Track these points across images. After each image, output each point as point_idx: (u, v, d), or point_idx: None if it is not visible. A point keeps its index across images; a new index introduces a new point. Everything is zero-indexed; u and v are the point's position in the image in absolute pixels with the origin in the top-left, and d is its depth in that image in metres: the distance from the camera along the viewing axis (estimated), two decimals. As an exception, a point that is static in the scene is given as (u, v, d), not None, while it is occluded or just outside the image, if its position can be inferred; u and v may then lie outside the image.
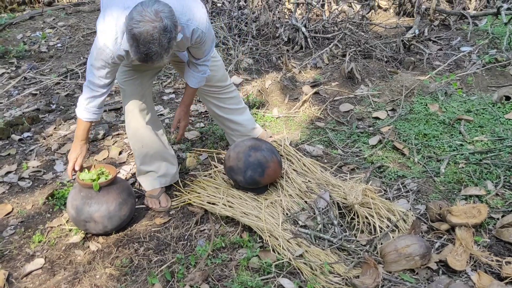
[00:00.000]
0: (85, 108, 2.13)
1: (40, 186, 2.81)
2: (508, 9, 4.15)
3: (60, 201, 2.59)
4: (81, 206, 2.18)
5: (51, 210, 2.57)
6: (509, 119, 2.93)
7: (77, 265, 2.16)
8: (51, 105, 3.88)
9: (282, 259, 2.03)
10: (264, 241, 2.16)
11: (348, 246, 2.08)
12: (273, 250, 2.09)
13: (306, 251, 2.06)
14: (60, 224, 2.44)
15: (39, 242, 2.32)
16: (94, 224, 2.20)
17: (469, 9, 4.91)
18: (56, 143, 3.24)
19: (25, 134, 3.40)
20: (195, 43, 2.10)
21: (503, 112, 3.02)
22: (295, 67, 4.07)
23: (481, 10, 4.88)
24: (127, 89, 2.35)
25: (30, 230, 2.43)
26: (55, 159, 3.07)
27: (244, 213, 2.32)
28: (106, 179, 2.24)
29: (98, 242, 2.29)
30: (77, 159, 2.22)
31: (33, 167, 2.98)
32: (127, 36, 1.78)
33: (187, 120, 2.47)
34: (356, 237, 2.16)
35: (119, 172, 2.45)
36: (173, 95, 3.87)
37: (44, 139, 3.34)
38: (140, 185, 2.65)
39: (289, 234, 2.17)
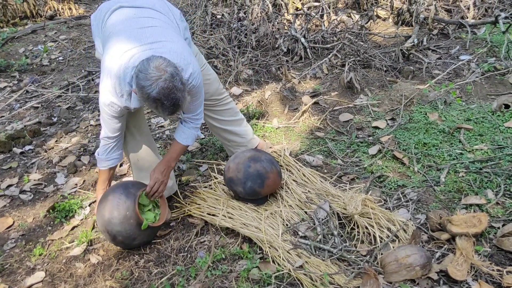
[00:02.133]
0: (106, 158, 2.28)
1: (41, 199, 2.82)
2: (506, 17, 4.17)
3: (61, 213, 2.60)
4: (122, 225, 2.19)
5: (52, 223, 2.58)
6: (509, 128, 2.93)
7: (77, 278, 2.16)
8: (53, 118, 3.90)
9: (282, 270, 2.03)
10: (264, 252, 2.16)
11: (348, 256, 2.08)
12: (273, 261, 2.09)
13: (306, 262, 2.06)
14: (61, 237, 2.44)
15: (40, 255, 2.32)
16: (121, 238, 2.22)
17: (467, 18, 4.93)
18: (57, 156, 3.26)
19: (27, 147, 3.42)
20: (188, 91, 2.09)
21: (502, 121, 3.03)
22: (294, 78, 4.09)
23: (479, 19, 4.90)
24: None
25: (31, 243, 2.43)
26: (56, 171, 3.08)
27: (244, 224, 2.32)
28: (155, 218, 2.32)
29: (98, 255, 2.29)
30: None
31: (34, 180, 3.00)
32: (147, 103, 1.89)
33: (166, 182, 2.32)
34: (356, 247, 2.16)
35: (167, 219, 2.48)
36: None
37: (46, 152, 3.36)
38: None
39: (289, 245, 2.16)
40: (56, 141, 3.50)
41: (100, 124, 3.61)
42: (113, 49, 2.02)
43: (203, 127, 3.51)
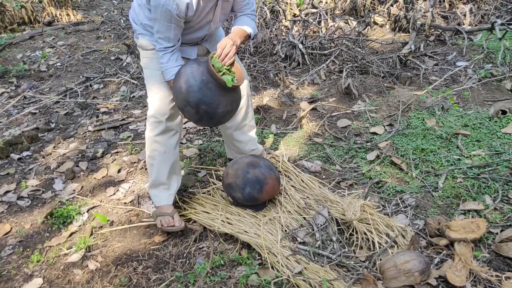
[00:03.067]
0: (173, 65, 2.19)
1: (39, 205, 2.81)
2: (502, 24, 4.21)
3: (59, 220, 2.59)
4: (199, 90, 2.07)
5: (49, 229, 2.57)
6: (506, 133, 2.95)
7: (75, 285, 2.14)
8: (51, 124, 3.90)
9: (281, 277, 2.02)
10: (263, 258, 2.15)
11: (347, 262, 2.08)
12: (272, 267, 2.08)
13: (305, 268, 2.05)
14: (59, 243, 2.43)
15: (38, 261, 2.31)
16: (191, 109, 2.10)
17: (464, 24, 4.97)
18: (55, 161, 3.25)
19: (24, 153, 3.41)
20: None
21: (499, 126, 3.04)
22: (292, 84, 4.10)
23: (475, 25, 4.94)
24: (160, 91, 2.32)
25: (28, 249, 2.42)
26: (54, 177, 3.07)
27: (243, 230, 2.31)
28: (233, 80, 2.13)
29: (97, 261, 2.28)
30: None
31: (32, 186, 2.99)
32: None
33: (237, 46, 2.19)
34: (355, 253, 2.16)
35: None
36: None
37: (43, 158, 3.35)
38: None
39: (288, 251, 2.16)
40: (54, 147, 3.50)
41: (98, 130, 3.62)
42: None
43: (201, 132, 3.52)
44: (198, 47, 2.40)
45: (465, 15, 5.08)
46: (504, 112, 3.17)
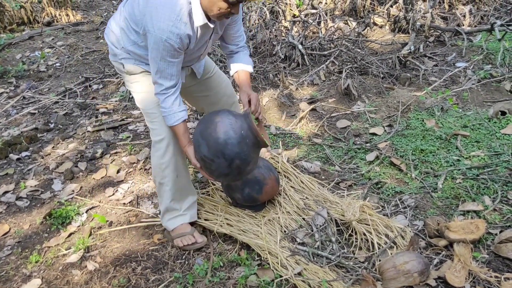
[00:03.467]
0: (175, 111, 2.06)
1: (38, 205, 2.81)
2: (502, 25, 4.21)
3: (58, 220, 2.58)
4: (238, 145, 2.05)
5: (48, 229, 2.56)
6: (505, 134, 2.95)
7: (74, 286, 2.14)
8: (50, 124, 3.89)
9: (281, 277, 2.02)
10: (262, 258, 2.15)
11: (347, 263, 2.07)
12: (271, 268, 2.08)
13: (304, 268, 2.05)
14: (58, 244, 2.43)
15: (36, 262, 2.31)
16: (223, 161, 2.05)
17: (463, 25, 4.97)
18: (54, 162, 3.25)
19: (23, 154, 3.40)
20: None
21: (499, 127, 3.04)
22: (292, 84, 4.10)
23: (475, 26, 4.95)
24: (160, 114, 2.16)
25: (27, 250, 2.42)
26: (53, 178, 3.07)
27: (242, 231, 2.31)
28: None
29: (95, 262, 2.27)
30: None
31: (31, 187, 2.98)
32: None
33: (256, 94, 2.23)
34: (354, 254, 2.16)
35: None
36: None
37: (42, 158, 3.35)
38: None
39: (287, 252, 2.16)
40: (53, 147, 3.49)
41: (97, 131, 3.61)
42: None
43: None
44: (185, 68, 2.29)
45: (464, 16, 5.08)
46: (503, 113, 3.17)
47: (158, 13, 1.88)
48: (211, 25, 2.01)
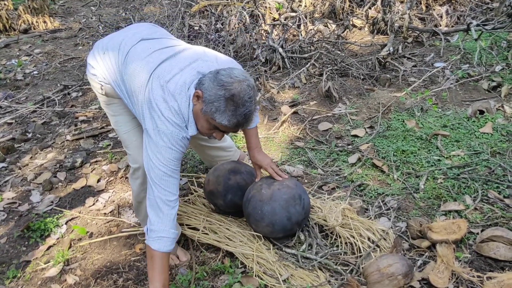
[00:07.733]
0: (169, 234, 1.80)
1: (15, 218, 2.74)
2: (478, 25, 4.27)
3: (36, 233, 2.52)
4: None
5: (26, 243, 2.50)
6: (484, 133, 2.98)
7: (53, 300, 2.09)
8: (27, 134, 3.81)
9: (266, 285, 1.99)
10: (246, 266, 2.12)
11: (334, 267, 2.06)
12: (256, 275, 2.05)
13: (292, 274, 2.03)
14: (36, 258, 2.36)
15: (14, 277, 2.24)
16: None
17: (440, 26, 5.04)
18: (32, 173, 3.17)
19: (0, 165, 3.32)
20: None
21: (477, 126, 3.08)
22: (273, 88, 4.09)
23: (452, 26, 5.01)
24: (137, 139, 2.12)
25: (4, 265, 2.35)
26: (31, 189, 3.00)
27: (226, 238, 2.28)
28: None
29: (75, 275, 2.22)
30: None
31: (8, 199, 2.91)
32: (222, 103, 1.65)
33: (269, 158, 2.26)
34: (339, 258, 2.15)
35: None
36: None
37: (20, 169, 3.27)
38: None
39: (272, 258, 2.14)
40: (31, 157, 3.41)
41: (76, 139, 3.54)
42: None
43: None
44: None
45: (441, 17, 5.14)
46: (481, 112, 3.21)
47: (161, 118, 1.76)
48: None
